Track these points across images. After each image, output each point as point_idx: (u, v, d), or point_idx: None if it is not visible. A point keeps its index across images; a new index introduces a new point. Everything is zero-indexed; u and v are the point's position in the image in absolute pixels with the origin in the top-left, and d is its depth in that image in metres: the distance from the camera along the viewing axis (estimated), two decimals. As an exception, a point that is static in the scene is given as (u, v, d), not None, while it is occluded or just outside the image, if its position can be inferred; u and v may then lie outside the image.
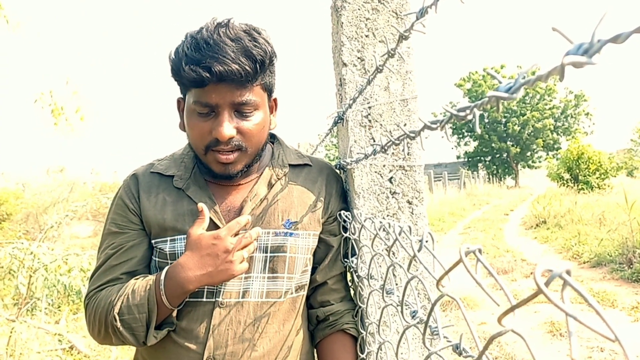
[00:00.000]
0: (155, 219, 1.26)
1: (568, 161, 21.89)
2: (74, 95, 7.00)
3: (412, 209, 1.35)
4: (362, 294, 1.29)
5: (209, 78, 1.10)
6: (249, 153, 1.24)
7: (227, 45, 1.12)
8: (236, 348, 1.21)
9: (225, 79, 1.12)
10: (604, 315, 0.34)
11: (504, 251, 9.49)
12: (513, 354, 4.49)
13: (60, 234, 8.05)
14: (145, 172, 1.34)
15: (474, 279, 0.49)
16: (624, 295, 6.11)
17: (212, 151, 1.20)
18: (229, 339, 1.21)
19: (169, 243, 1.24)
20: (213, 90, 1.14)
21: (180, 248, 1.23)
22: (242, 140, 1.20)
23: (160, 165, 1.34)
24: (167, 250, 1.24)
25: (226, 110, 1.16)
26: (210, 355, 1.20)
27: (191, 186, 1.29)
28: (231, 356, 1.21)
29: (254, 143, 1.23)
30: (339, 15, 1.35)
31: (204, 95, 1.15)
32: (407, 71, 1.36)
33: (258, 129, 1.22)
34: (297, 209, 1.31)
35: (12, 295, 5.53)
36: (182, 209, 1.26)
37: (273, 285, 1.26)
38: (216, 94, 1.14)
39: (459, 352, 0.62)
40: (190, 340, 1.21)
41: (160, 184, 1.31)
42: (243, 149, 1.21)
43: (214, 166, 1.23)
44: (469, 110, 0.56)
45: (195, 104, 1.17)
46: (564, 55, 0.37)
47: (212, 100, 1.15)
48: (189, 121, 1.21)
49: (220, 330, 1.21)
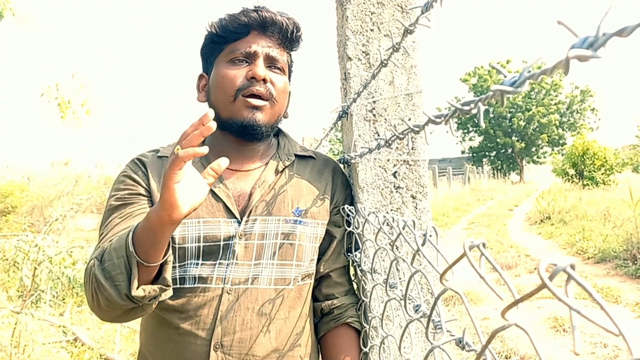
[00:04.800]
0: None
1: (573, 157, 21.84)
2: (81, 89, 7.01)
3: (416, 203, 1.35)
4: (366, 288, 1.29)
5: (255, 19, 1.25)
6: (274, 110, 1.30)
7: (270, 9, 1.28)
8: (244, 335, 1.20)
9: (270, 27, 1.27)
10: (607, 309, 0.34)
11: (508, 246, 9.48)
12: (516, 349, 4.49)
13: (65, 226, 8.08)
14: (152, 156, 1.33)
15: (477, 273, 0.49)
16: (628, 291, 6.10)
17: (242, 97, 1.25)
18: (236, 326, 1.20)
19: (179, 226, 1.18)
20: (253, 39, 1.27)
21: (191, 232, 1.22)
22: (273, 91, 1.28)
23: (167, 150, 1.34)
24: (176, 234, 1.21)
25: (262, 59, 1.27)
26: (218, 342, 1.19)
27: (201, 169, 1.26)
28: (239, 342, 1.20)
29: (280, 101, 1.31)
30: (344, 9, 1.35)
31: (242, 44, 1.26)
32: (412, 65, 1.35)
33: (284, 89, 1.32)
34: (305, 197, 1.33)
35: (16, 287, 5.56)
36: None
37: (281, 273, 1.26)
38: (256, 43, 1.26)
39: (462, 346, 0.62)
40: (197, 327, 1.20)
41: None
42: (272, 99, 1.28)
43: (242, 112, 1.25)
44: (473, 105, 0.56)
45: (232, 56, 1.27)
46: (569, 49, 0.37)
47: (250, 47, 1.26)
48: (220, 75, 1.27)
49: (228, 317, 1.20)
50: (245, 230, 1.24)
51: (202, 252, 1.22)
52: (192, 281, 1.23)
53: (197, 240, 1.22)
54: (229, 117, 1.26)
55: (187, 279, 1.23)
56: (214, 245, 1.23)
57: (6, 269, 5.42)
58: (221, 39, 1.29)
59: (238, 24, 1.26)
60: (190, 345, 1.20)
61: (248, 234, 1.25)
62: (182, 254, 1.22)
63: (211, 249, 1.23)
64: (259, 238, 1.25)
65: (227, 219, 1.25)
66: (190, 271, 1.23)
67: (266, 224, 1.26)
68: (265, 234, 1.26)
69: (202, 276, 1.22)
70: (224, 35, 1.28)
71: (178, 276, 1.23)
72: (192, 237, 1.22)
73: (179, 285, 1.23)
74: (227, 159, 1.00)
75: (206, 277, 1.22)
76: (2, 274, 5.75)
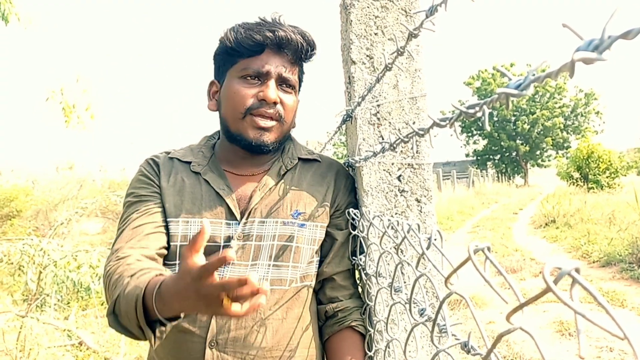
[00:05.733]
0: (173, 199, 1.29)
1: (578, 160, 21.78)
2: (85, 93, 7.04)
3: (421, 207, 1.35)
4: (370, 292, 1.29)
5: (271, 39, 1.23)
6: (283, 129, 1.32)
7: (285, 24, 1.27)
8: (238, 334, 1.23)
9: (285, 46, 1.25)
10: (612, 312, 0.34)
11: (513, 250, 9.44)
12: (521, 353, 4.48)
13: (69, 230, 8.10)
14: (164, 156, 1.38)
15: (482, 276, 0.49)
16: (634, 295, 6.07)
17: (251, 115, 1.26)
18: (231, 324, 1.23)
19: (181, 225, 1.26)
20: (267, 58, 1.25)
21: (193, 232, 1.26)
22: (282, 112, 1.29)
23: (178, 153, 1.39)
24: (179, 232, 1.26)
25: (274, 80, 1.27)
26: (213, 339, 1.22)
27: (209, 172, 1.33)
28: (234, 341, 1.23)
29: (289, 120, 1.33)
30: (348, 13, 1.35)
31: (256, 62, 1.25)
32: (416, 69, 1.35)
33: (293, 108, 1.33)
34: (305, 200, 1.34)
35: (22, 291, 5.57)
36: (198, 193, 1.30)
37: (278, 274, 1.29)
38: (269, 63, 1.26)
39: (467, 349, 0.62)
40: (194, 325, 1.23)
41: (178, 168, 1.35)
42: (281, 120, 1.29)
43: (249, 132, 1.27)
44: (478, 108, 0.56)
45: (245, 73, 1.26)
46: (574, 51, 0.37)
47: (263, 68, 1.25)
48: (232, 90, 1.27)
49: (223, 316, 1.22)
50: (243, 232, 1.27)
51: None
52: None
53: None
54: (238, 133, 1.29)
55: None
56: (214, 245, 1.26)
57: (11, 273, 5.43)
58: (235, 52, 1.29)
59: (253, 42, 1.25)
60: (186, 342, 1.23)
61: (246, 236, 1.27)
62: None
63: (211, 249, 1.25)
64: (256, 240, 1.28)
65: (228, 220, 1.28)
66: None
67: (264, 225, 1.29)
68: (263, 235, 1.28)
69: None
70: (238, 50, 1.28)
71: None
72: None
73: None
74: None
75: None
76: (8, 277, 5.76)
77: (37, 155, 36.12)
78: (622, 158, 22.33)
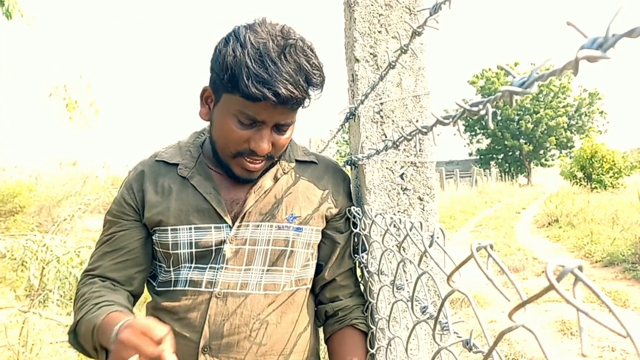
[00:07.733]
0: (159, 207, 1.27)
1: (581, 159, 21.77)
2: (88, 89, 7.05)
3: (423, 205, 1.35)
4: (372, 290, 1.29)
5: (274, 102, 1.10)
6: (274, 160, 1.29)
7: (292, 70, 1.11)
8: (232, 339, 1.22)
9: (286, 102, 1.12)
10: (615, 310, 0.34)
11: (516, 249, 9.44)
12: (523, 352, 4.48)
13: (72, 226, 8.11)
14: (151, 162, 1.35)
15: (484, 274, 0.49)
16: (636, 295, 6.06)
17: (241, 157, 1.22)
18: (224, 330, 1.22)
19: (170, 233, 1.26)
20: (265, 108, 1.13)
21: (182, 239, 1.25)
22: (273, 152, 1.23)
23: (165, 153, 1.36)
24: (169, 241, 1.26)
25: (270, 127, 1.18)
26: (207, 344, 1.22)
27: (196, 175, 1.30)
28: (227, 346, 1.22)
29: (281, 153, 1.28)
30: (352, 11, 1.35)
31: (254, 108, 1.13)
32: (420, 67, 1.35)
33: (286, 143, 1.25)
34: (301, 204, 1.32)
35: (24, 286, 5.58)
36: (186, 199, 1.28)
37: (272, 278, 1.27)
38: (267, 113, 1.14)
39: (469, 347, 0.62)
40: (187, 329, 1.23)
41: (165, 172, 1.32)
42: (272, 157, 1.25)
43: (237, 170, 1.25)
44: (481, 106, 0.56)
45: (240, 114, 1.15)
46: (578, 49, 0.37)
47: (260, 116, 1.15)
48: (225, 124, 1.18)
49: (216, 321, 1.22)
50: (236, 236, 1.26)
51: (194, 256, 1.26)
52: (184, 284, 1.26)
53: (189, 246, 1.25)
54: (226, 164, 1.26)
55: (180, 282, 1.27)
56: (205, 250, 1.25)
57: (14, 269, 5.44)
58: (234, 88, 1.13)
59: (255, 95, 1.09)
60: (180, 346, 1.19)
61: (239, 239, 1.26)
62: (176, 259, 1.27)
63: (203, 253, 1.26)
64: (250, 244, 1.27)
65: (218, 224, 1.26)
66: (183, 274, 1.27)
67: (258, 229, 1.27)
68: (257, 239, 1.27)
69: (193, 279, 1.25)
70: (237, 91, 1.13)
71: (172, 278, 1.28)
72: (184, 243, 1.25)
73: (172, 287, 1.28)
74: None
75: (197, 280, 1.25)
76: (11, 273, 5.78)
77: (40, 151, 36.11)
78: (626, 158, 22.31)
